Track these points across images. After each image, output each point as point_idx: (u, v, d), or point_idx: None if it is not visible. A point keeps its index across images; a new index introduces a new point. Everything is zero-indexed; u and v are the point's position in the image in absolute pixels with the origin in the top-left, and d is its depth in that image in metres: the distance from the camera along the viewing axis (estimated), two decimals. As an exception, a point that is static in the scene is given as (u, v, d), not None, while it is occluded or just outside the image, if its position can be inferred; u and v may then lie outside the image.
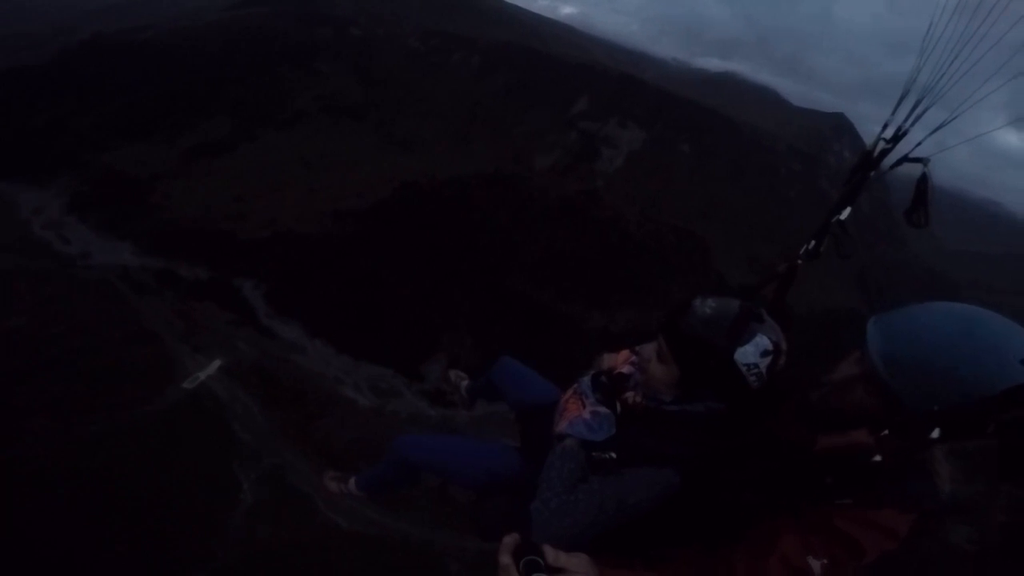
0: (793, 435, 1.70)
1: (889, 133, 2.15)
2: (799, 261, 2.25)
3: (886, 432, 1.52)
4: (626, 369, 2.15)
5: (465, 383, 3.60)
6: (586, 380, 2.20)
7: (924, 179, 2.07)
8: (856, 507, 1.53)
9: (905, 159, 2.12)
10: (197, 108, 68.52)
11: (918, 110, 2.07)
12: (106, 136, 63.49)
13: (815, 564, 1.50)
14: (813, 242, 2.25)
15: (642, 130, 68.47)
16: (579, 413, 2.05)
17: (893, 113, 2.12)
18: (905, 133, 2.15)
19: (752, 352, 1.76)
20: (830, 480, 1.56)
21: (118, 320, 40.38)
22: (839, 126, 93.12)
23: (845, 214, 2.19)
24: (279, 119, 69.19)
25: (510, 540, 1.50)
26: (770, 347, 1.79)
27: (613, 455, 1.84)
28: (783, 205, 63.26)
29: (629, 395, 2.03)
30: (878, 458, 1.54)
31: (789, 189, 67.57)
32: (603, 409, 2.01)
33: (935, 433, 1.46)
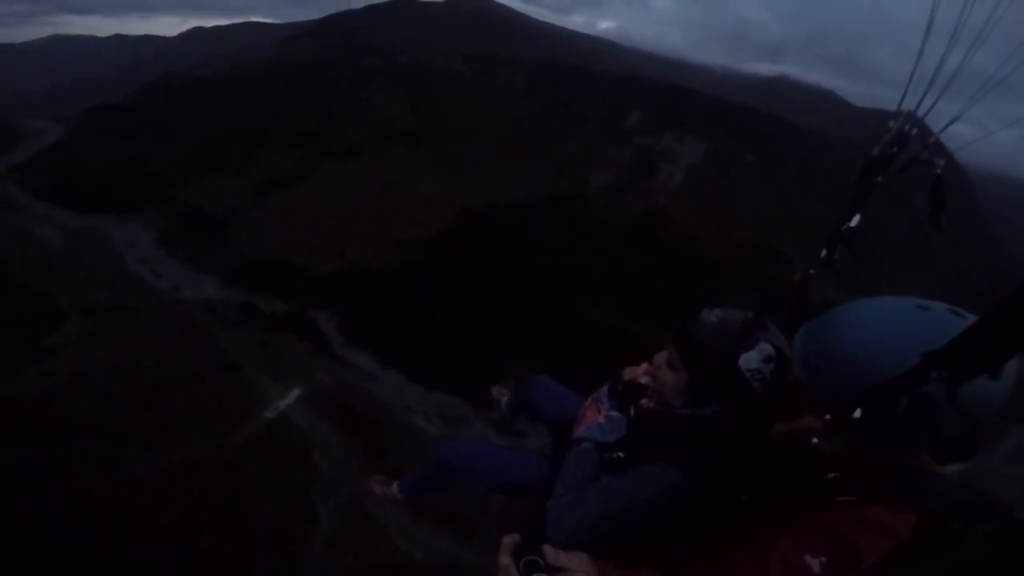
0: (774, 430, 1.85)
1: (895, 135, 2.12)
2: (811, 271, 2.29)
3: (828, 417, 1.55)
4: (643, 379, 2.26)
5: (505, 399, 3.81)
6: (604, 390, 2.32)
7: (940, 180, 2.03)
8: (853, 504, 1.49)
9: (915, 161, 2.08)
10: (262, 143, 72.76)
11: (923, 108, 2.02)
12: (182, 172, 68.55)
13: (814, 562, 1.46)
14: (825, 251, 2.28)
15: (701, 142, 66.38)
16: (595, 418, 2.20)
17: (896, 115, 2.08)
18: (910, 134, 2.10)
19: (755, 358, 1.84)
20: (832, 476, 1.53)
21: (205, 352, 42.64)
22: (912, 133, 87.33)
23: (855, 221, 2.22)
24: (338, 149, 72.19)
25: (510, 540, 1.53)
26: (773, 353, 1.86)
27: (620, 454, 1.97)
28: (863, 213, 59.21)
29: (644, 401, 2.15)
30: (815, 440, 1.57)
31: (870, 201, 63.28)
32: (616, 414, 2.16)
33: (857, 413, 1.46)
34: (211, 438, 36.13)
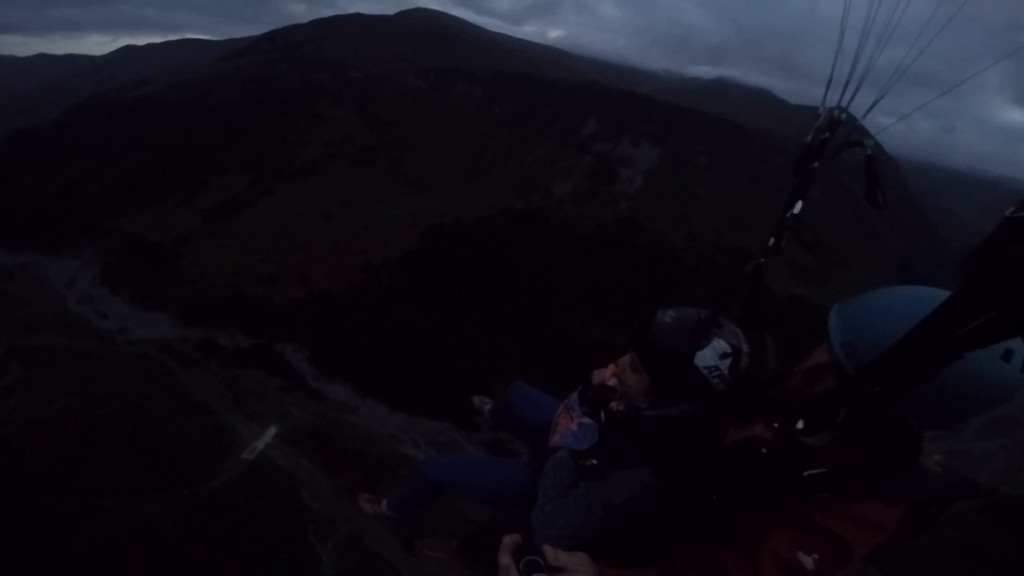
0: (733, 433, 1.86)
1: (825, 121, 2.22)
2: (762, 260, 2.33)
3: (777, 425, 1.59)
4: (612, 382, 2.28)
5: (488, 407, 3.83)
6: (574, 396, 2.34)
7: (872, 160, 2.14)
8: (837, 500, 1.52)
9: (846, 144, 2.18)
10: (208, 164, 68.93)
11: (848, 93, 2.14)
12: (123, 199, 63.76)
13: (806, 560, 1.50)
14: (772, 239, 2.34)
15: (655, 146, 68.76)
16: (568, 426, 2.22)
17: (824, 100, 2.17)
18: (840, 119, 2.20)
19: (711, 356, 1.89)
20: (809, 473, 1.55)
21: (167, 395, 39.89)
22: (841, 119, 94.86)
23: (798, 208, 2.30)
24: (292, 170, 69.46)
25: (510, 540, 1.55)
26: (728, 350, 1.91)
27: (594, 461, 1.99)
28: (808, 206, 63.09)
29: (613, 404, 2.17)
30: (764, 450, 1.60)
31: (811, 189, 67.57)
32: (587, 420, 2.18)
33: (800, 424, 1.50)
34: (189, 485, 33.81)
